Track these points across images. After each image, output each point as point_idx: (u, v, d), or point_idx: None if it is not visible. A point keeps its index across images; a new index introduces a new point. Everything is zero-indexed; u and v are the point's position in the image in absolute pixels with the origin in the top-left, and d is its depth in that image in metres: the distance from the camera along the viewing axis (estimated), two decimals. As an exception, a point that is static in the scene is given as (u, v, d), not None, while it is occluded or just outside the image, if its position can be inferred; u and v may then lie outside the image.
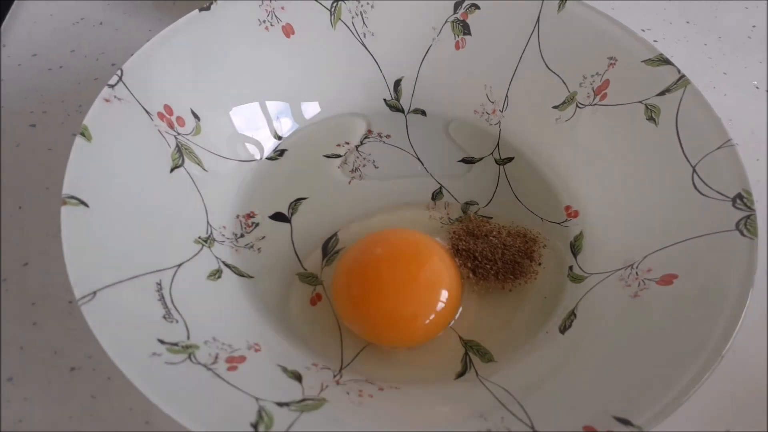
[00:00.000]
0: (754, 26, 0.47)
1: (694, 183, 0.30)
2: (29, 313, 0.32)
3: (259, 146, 0.37)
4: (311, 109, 0.39)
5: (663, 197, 0.31)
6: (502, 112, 0.38)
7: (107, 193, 0.28)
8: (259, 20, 0.36)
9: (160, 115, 0.32)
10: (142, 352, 0.24)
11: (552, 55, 0.36)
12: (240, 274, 0.32)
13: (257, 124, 0.37)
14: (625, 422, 0.23)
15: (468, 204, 0.36)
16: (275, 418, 0.23)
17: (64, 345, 0.31)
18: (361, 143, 0.38)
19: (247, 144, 0.36)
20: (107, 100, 0.30)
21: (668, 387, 0.24)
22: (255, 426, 0.22)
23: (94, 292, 0.25)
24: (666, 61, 0.33)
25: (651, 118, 0.33)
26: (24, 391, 0.30)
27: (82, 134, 0.29)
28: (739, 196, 0.28)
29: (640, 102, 0.33)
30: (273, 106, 0.38)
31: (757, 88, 0.44)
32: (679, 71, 0.33)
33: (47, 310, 0.32)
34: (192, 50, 0.34)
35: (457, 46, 0.38)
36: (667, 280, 0.28)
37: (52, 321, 0.32)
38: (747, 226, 0.28)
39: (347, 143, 0.38)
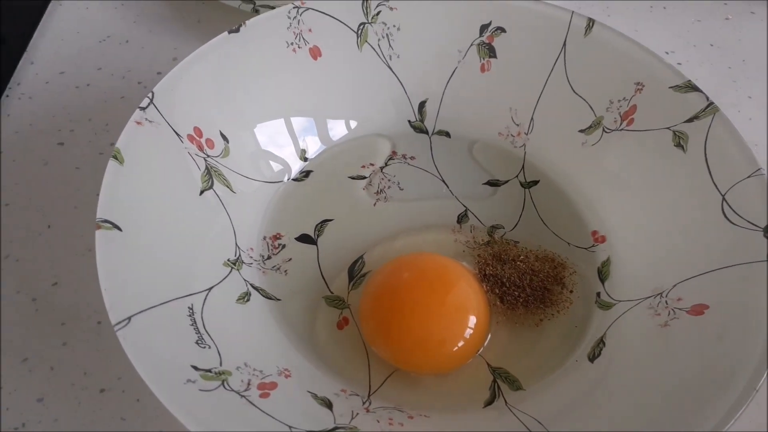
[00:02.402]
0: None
1: (723, 212, 0.30)
2: (59, 333, 0.32)
3: (286, 167, 0.37)
4: (337, 130, 0.39)
5: (692, 225, 0.31)
6: (527, 134, 0.38)
7: (139, 216, 0.29)
8: (287, 42, 0.36)
9: (190, 138, 0.33)
10: (178, 379, 0.24)
11: (578, 79, 0.37)
12: (267, 296, 0.32)
13: (284, 146, 0.37)
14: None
15: (494, 227, 0.36)
16: (309, 447, 0.23)
17: (94, 366, 0.31)
18: (386, 165, 0.38)
19: (273, 164, 0.37)
20: (139, 123, 0.31)
21: (699, 422, 0.24)
22: (290, 456, 0.23)
23: (129, 318, 0.25)
24: (694, 88, 0.33)
25: (679, 145, 0.33)
26: (54, 411, 0.30)
27: (115, 157, 0.29)
28: (771, 227, 0.28)
29: (668, 128, 0.33)
30: (299, 125, 0.38)
31: (782, 111, 0.44)
32: (707, 98, 0.33)
33: (77, 330, 0.32)
34: (221, 72, 0.34)
35: (483, 69, 0.38)
36: (698, 310, 0.28)
37: (82, 341, 0.32)
38: (779, 257, 0.27)
39: (372, 165, 0.38)
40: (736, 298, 0.28)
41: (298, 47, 0.37)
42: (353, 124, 0.39)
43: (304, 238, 0.35)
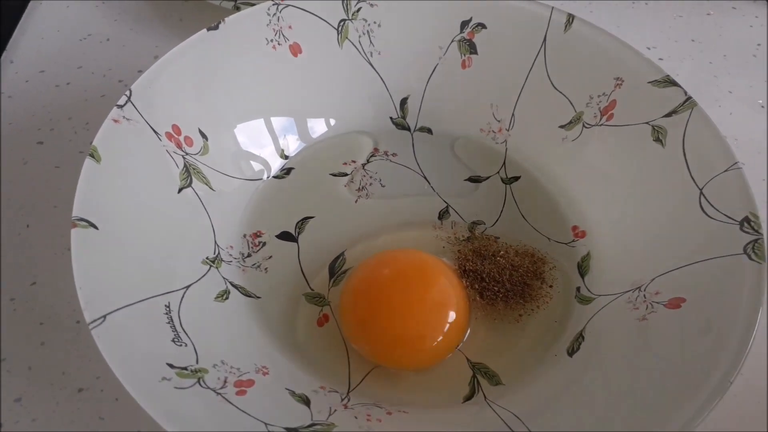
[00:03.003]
0: (759, 45, 0.48)
1: (701, 205, 0.30)
2: (37, 333, 0.32)
3: (266, 165, 0.37)
4: (318, 128, 0.39)
5: (670, 219, 0.31)
6: (508, 130, 0.38)
7: (116, 215, 0.28)
8: (266, 39, 0.36)
9: (168, 135, 0.32)
10: (153, 377, 0.24)
11: (558, 74, 0.37)
12: (247, 294, 0.32)
13: (264, 144, 0.37)
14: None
15: (475, 223, 0.36)
16: (285, 444, 0.23)
17: (72, 366, 0.31)
18: (368, 161, 0.38)
19: (253, 162, 0.37)
20: (116, 121, 0.31)
21: (676, 413, 0.24)
22: (265, 452, 0.22)
23: (104, 316, 0.25)
24: (672, 83, 0.33)
25: (658, 140, 0.33)
26: (32, 412, 0.30)
27: (92, 155, 0.29)
28: (747, 220, 0.29)
29: (647, 123, 0.34)
30: (279, 124, 0.38)
31: (763, 107, 0.44)
32: (685, 93, 0.33)
33: (55, 330, 0.32)
34: (200, 70, 0.34)
35: (464, 65, 0.38)
36: (675, 303, 0.28)
37: (60, 341, 0.32)
38: (755, 250, 0.28)
39: (353, 162, 0.38)
40: (713, 291, 0.28)
41: (278, 44, 0.37)
42: (334, 121, 0.39)
43: (284, 236, 0.35)
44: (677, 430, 0.23)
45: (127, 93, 0.31)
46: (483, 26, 0.37)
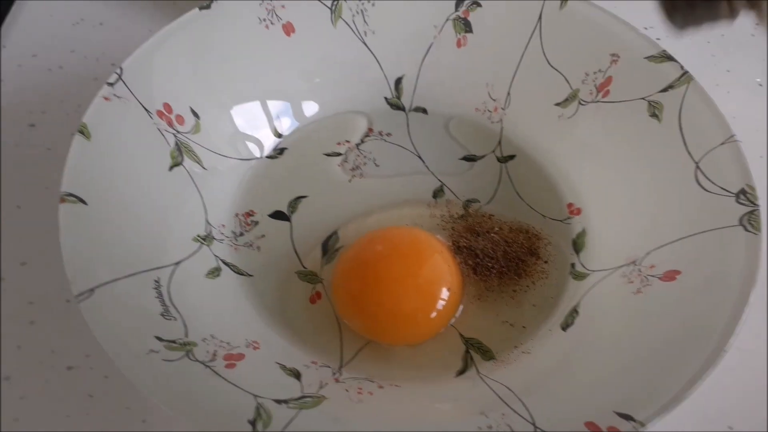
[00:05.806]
0: (756, 24, 0.47)
1: (697, 179, 0.30)
2: (27, 312, 0.32)
3: (260, 144, 0.36)
4: (311, 108, 0.38)
5: (666, 194, 0.31)
6: (504, 110, 0.38)
7: (106, 190, 0.28)
8: (259, 18, 0.36)
9: (160, 114, 0.32)
10: (140, 349, 0.24)
11: (554, 52, 0.36)
12: (239, 272, 0.32)
13: (257, 123, 0.36)
14: (627, 417, 0.22)
15: (469, 201, 0.36)
16: (273, 415, 0.23)
17: (62, 344, 0.31)
18: (362, 141, 0.38)
19: (247, 142, 0.36)
20: (106, 98, 0.30)
21: (671, 382, 0.24)
22: (253, 423, 0.22)
23: (92, 289, 0.25)
24: (669, 58, 0.33)
25: (654, 115, 0.33)
26: (21, 390, 0.29)
27: (81, 132, 0.29)
28: (743, 192, 0.28)
29: (643, 99, 0.33)
30: (273, 104, 0.37)
31: (761, 85, 0.43)
32: (682, 67, 0.32)
33: (45, 310, 0.32)
34: (192, 49, 0.34)
35: (459, 44, 0.38)
36: (671, 276, 0.28)
37: (50, 320, 0.31)
38: (750, 221, 0.27)
39: (348, 141, 0.38)
40: (709, 263, 0.27)
41: (271, 23, 0.36)
42: (328, 101, 0.39)
43: (277, 215, 0.35)
44: (671, 399, 0.23)
45: (118, 71, 0.31)
46: (478, 4, 0.37)
